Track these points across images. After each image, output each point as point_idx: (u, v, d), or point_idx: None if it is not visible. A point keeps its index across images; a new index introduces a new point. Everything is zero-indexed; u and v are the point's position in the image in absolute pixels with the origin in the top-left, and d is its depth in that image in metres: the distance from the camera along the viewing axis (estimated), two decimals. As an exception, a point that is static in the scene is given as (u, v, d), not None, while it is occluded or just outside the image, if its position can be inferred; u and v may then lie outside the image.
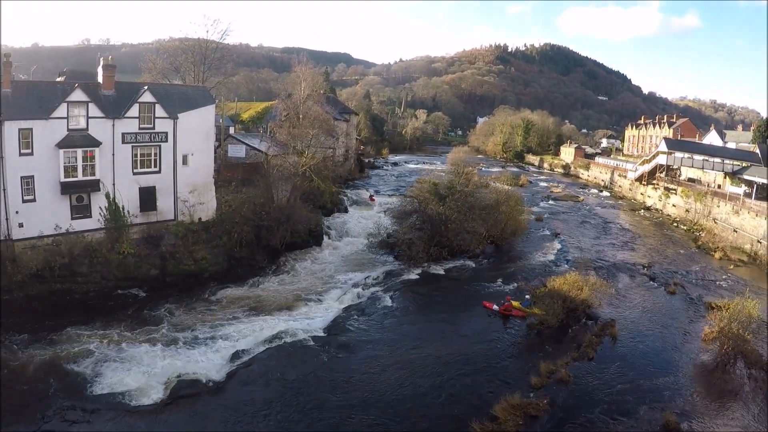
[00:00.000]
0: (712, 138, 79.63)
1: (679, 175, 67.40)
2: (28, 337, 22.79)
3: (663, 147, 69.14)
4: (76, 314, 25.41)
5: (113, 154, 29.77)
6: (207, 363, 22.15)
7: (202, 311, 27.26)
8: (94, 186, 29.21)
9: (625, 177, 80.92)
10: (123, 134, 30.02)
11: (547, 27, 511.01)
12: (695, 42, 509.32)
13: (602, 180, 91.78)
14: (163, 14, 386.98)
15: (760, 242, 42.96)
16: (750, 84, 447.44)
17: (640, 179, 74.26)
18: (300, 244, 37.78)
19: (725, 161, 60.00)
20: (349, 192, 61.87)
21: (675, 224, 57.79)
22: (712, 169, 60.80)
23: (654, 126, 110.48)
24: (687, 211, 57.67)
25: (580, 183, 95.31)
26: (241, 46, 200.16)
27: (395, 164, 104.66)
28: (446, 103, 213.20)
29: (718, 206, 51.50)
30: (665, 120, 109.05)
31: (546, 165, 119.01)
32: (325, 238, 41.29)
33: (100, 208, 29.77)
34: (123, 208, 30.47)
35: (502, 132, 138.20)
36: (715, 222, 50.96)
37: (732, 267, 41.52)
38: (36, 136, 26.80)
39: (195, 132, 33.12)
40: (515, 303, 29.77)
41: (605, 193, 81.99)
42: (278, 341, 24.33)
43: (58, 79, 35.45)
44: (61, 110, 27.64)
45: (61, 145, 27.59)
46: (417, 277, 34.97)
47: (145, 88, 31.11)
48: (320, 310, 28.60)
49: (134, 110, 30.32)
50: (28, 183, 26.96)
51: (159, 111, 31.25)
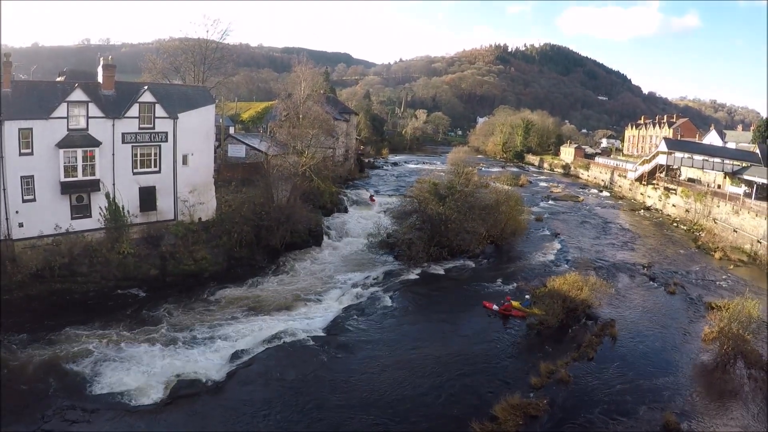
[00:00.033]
0: (712, 138, 79.63)
1: (679, 175, 67.40)
2: (28, 337, 22.80)
3: (663, 147, 69.14)
4: (76, 314, 25.41)
5: (113, 154, 29.80)
6: (206, 363, 22.15)
7: (202, 311, 27.26)
8: (94, 186, 29.22)
9: (625, 177, 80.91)
10: (123, 134, 30.04)
11: (547, 27, 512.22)
12: (695, 42, 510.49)
13: (602, 180, 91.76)
14: (163, 14, 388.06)
15: (760, 242, 42.97)
16: (750, 84, 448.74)
17: (640, 179, 74.26)
18: (300, 244, 37.77)
19: (725, 161, 60.01)
20: (349, 192, 61.86)
21: (675, 224, 57.79)
22: (712, 169, 60.81)
23: (654, 126, 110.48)
24: (687, 211, 57.68)
25: (580, 183, 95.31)
26: (241, 46, 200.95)
27: (395, 164, 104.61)
28: (446, 103, 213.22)
29: (718, 206, 51.51)
30: (665, 120, 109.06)
31: (546, 165, 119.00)
32: (325, 238, 41.27)
33: (100, 207, 29.79)
34: (123, 208, 30.47)
35: (502, 132, 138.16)
36: (715, 222, 50.97)
37: (732, 267, 41.52)
38: (36, 135, 26.82)
39: (195, 132, 33.13)
40: (515, 303, 29.77)
41: (605, 193, 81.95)
42: (278, 341, 24.31)
43: (58, 79, 35.44)
44: (61, 110, 27.66)
45: (61, 144, 27.60)
46: (417, 277, 34.97)
47: (145, 88, 31.12)
48: (320, 310, 28.59)
49: (134, 110, 30.34)
50: (28, 183, 26.97)
51: (159, 111, 31.26)
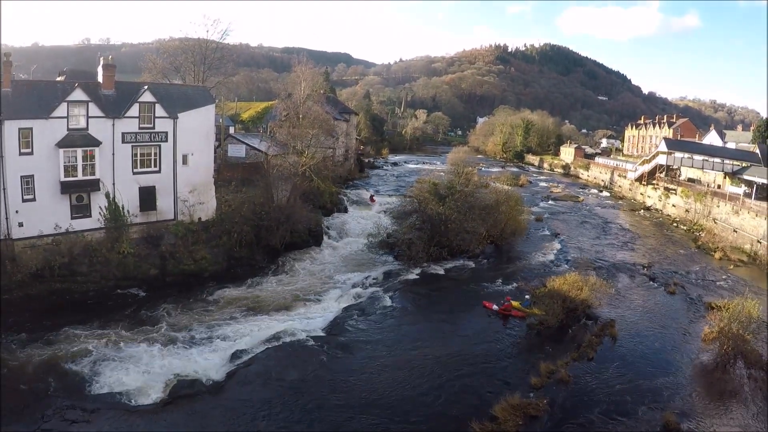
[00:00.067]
0: (711, 138, 79.62)
1: (679, 175, 67.39)
2: (28, 337, 22.77)
3: (663, 147, 69.14)
4: (76, 314, 25.38)
5: (113, 154, 29.80)
6: (206, 363, 22.12)
7: (202, 311, 27.24)
8: (94, 185, 29.22)
9: (625, 177, 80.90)
10: (123, 134, 30.04)
11: (547, 27, 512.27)
12: (695, 42, 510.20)
13: (602, 180, 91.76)
14: (163, 14, 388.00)
15: (760, 242, 42.96)
16: (750, 84, 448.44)
17: (639, 179, 74.25)
18: (300, 244, 37.75)
19: (725, 161, 60.01)
20: (349, 192, 61.87)
21: (675, 224, 57.79)
22: (712, 169, 60.81)
23: (654, 126, 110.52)
24: (687, 211, 57.68)
25: (580, 183, 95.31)
26: (241, 46, 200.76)
27: (395, 164, 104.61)
28: (446, 103, 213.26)
29: (718, 206, 51.51)
30: (665, 120, 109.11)
31: (546, 165, 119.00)
32: (325, 238, 41.25)
33: (99, 207, 29.79)
34: (123, 208, 30.46)
35: (501, 132, 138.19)
36: (715, 222, 50.97)
37: (732, 267, 41.51)
38: (36, 135, 26.82)
39: (195, 132, 33.12)
40: (515, 303, 29.76)
41: (605, 194, 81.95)
42: (278, 341, 24.29)
43: (58, 79, 35.42)
44: (61, 110, 27.66)
45: (61, 144, 27.60)
46: (417, 277, 34.95)
47: (145, 87, 31.12)
48: (320, 310, 28.55)
49: (134, 110, 30.35)
50: (28, 182, 26.97)
51: (159, 111, 31.26)
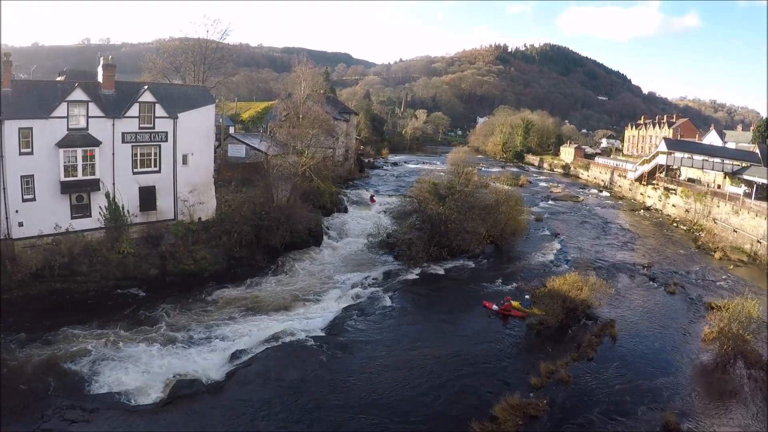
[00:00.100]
0: (711, 138, 79.64)
1: (679, 175, 67.40)
2: (28, 336, 22.76)
3: (663, 147, 69.14)
4: (76, 314, 25.38)
5: (113, 154, 29.80)
6: (206, 363, 22.11)
7: (202, 311, 27.22)
8: (94, 185, 29.22)
9: (625, 177, 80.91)
10: (123, 134, 30.04)
11: (547, 27, 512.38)
12: (695, 42, 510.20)
13: (602, 180, 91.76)
14: (163, 14, 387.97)
15: (760, 242, 42.96)
16: (750, 84, 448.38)
17: (639, 179, 74.26)
18: (300, 244, 37.75)
19: (725, 161, 60.02)
20: (349, 192, 61.87)
21: (675, 224, 57.79)
22: (712, 169, 60.82)
23: (654, 126, 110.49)
24: (687, 211, 57.68)
25: (580, 183, 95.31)
26: (241, 46, 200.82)
27: (395, 164, 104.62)
28: (446, 103, 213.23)
29: (718, 206, 51.51)
30: (665, 120, 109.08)
31: (546, 165, 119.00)
32: (325, 238, 41.26)
33: (99, 207, 29.78)
34: (123, 208, 30.46)
35: (501, 132, 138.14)
36: (715, 222, 50.98)
37: (732, 267, 41.51)
38: (36, 135, 26.82)
39: (195, 132, 33.12)
40: (515, 303, 29.76)
41: (605, 194, 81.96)
42: (277, 341, 24.29)
43: (58, 79, 35.42)
44: (61, 109, 27.66)
45: (61, 144, 27.60)
46: (416, 277, 34.95)
47: (145, 87, 31.12)
48: (319, 310, 28.54)
49: (134, 110, 30.35)
50: (27, 182, 26.97)
51: (159, 110, 31.26)
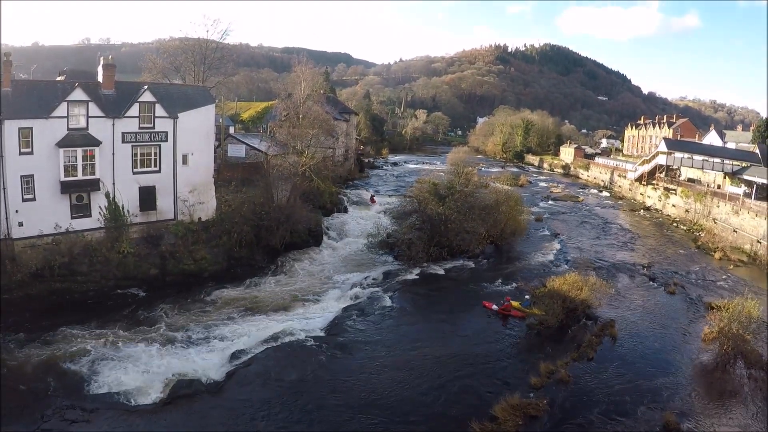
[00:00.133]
0: (711, 138, 79.64)
1: (679, 176, 67.40)
2: (28, 336, 22.76)
3: (663, 147, 69.15)
4: (76, 313, 25.37)
5: (113, 154, 29.80)
6: (205, 363, 22.11)
7: (202, 311, 27.22)
8: (94, 185, 29.22)
9: (625, 177, 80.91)
10: (123, 134, 30.04)
11: (547, 27, 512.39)
12: (695, 42, 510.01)
13: (602, 180, 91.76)
14: (163, 14, 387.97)
15: (760, 242, 42.97)
16: (750, 84, 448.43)
17: (639, 179, 74.25)
18: (300, 244, 37.74)
19: (725, 161, 60.03)
20: (349, 192, 61.87)
21: (675, 224, 57.79)
22: (712, 170, 60.83)
23: (654, 126, 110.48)
24: (687, 211, 57.68)
25: (580, 183, 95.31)
26: (241, 46, 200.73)
27: (395, 164, 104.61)
28: (446, 103, 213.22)
29: (718, 206, 51.51)
30: (665, 120, 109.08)
31: (546, 165, 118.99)
32: (325, 238, 41.25)
33: (99, 207, 29.78)
34: (123, 208, 30.46)
35: (501, 132, 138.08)
36: (715, 222, 50.98)
37: (732, 267, 41.52)
38: (36, 135, 26.82)
39: (195, 132, 33.12)
40: (515, 303, 29.76)
41: (605, 194, 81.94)
42: (277, 341, 24.28)
43: (58, 79, 35.40)
44: (61, 109, 27.66)
45: (61, 144, 27.60)
46: (416, 277, 34.94)
47: (145, 87, 31.12)
48: (319, 310, 28.53)
49: (134, 110, 30.35)
50: (27, 182, 26.97)
51: (159, 110, 31.26)
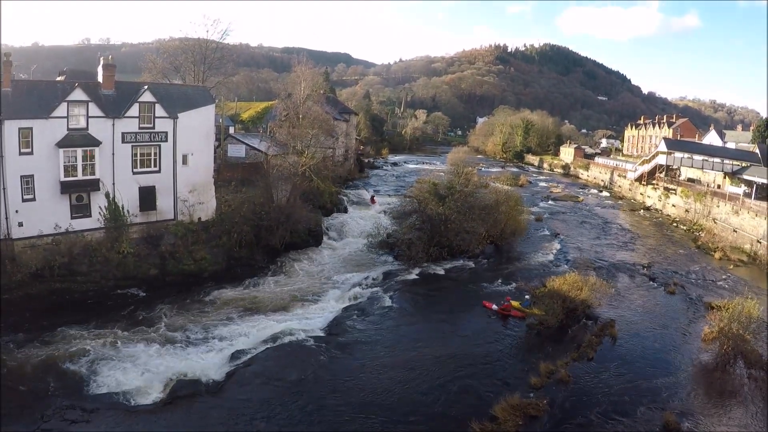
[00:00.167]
0: (711, 138, 79.66)
1: (679, 175, 67.43)
2: (28, 337, 22.75)
3: (662, 147, 69.17)
4: (75, 313, 25.36)
5: (113, 154, 29.79)
6: (205, 363, 22.11)
7: (201, 311, 27.23)
8: (94, 185, 29.21)
9: (625, 177, 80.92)
10: (123, 134, 30.04)
11: (547, 27, 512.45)
12: (695, 42, 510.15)
13: (602, 180, 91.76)
14: (163, 14, 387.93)
15: (760, 242, 42.97)
16: (750, 84, 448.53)
17: (639, 179, 74.27)
18: (299, 244, 37.73)
19: (725, 161, 60.07)
20: (349, 192, 61.86)
21: (675, 224, 57.79)
22: (712, 169, 60.86)
23: (653, 126, 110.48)
24: (687, 211, 57.68)
25: (580, 183, 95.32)
26: (241, 46, 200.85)
27: (395, 164, 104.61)
28: (446, 103, 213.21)
29: (718, 206, 51.52)
30: (665, 120, 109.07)
31: (546, 165, 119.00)
32: (325, 238, 41.26)
33: (99, 207, 29.78)
34: (123, 208, 30.45)
35: (501, 132, 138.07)
36: (715, 222, 50.98)
37: (732, 267, 41.52)
38: (36, 135, 26.81)
39: (195, 132, 33.12)
40: (515, 303, 29.76)
41: (605, 194, 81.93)
42: (277, 341, 24.29)
43: (58, 79, 35.39)
44: (61, 109, 27.66)
45: (61, 144, 27.59)
46: (416, 277, 34.95)
47: (145, 87, 31.11)
48: (319, 310, 28.53)
49: (134, 110, 30.34)
50: (27, 182, 26.96)
51: (159, 110, 31.25)
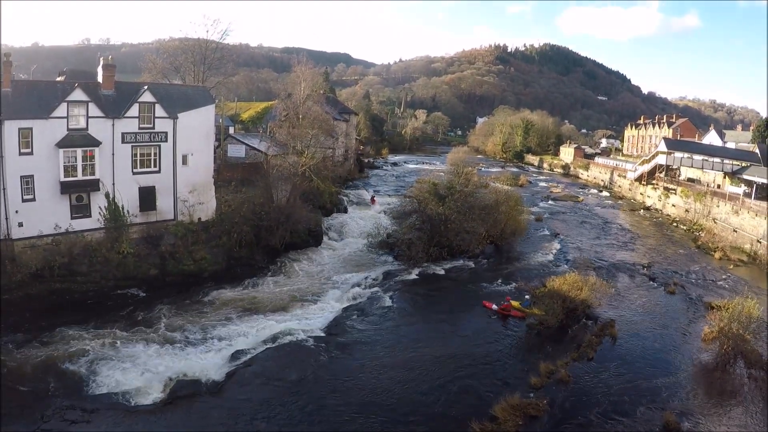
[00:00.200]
0: (711, 138, 79.70)
1: (679, 175, 67.43)
2: (28, 337, 22.75)
3: (662, 147, 69.18)
4: (75, 314, 25.36)
5: (113, 154, 29.78)
6: (205, 363, 22.10)
7: (201, 311, 27.21)
8: (94, 186, 29.20)
9: (625, 177, 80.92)
10: (123, 134, 30.03)
11: (547, 27, 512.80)
12: (695, 42, 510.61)
13: (602, 180, 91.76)
14: (163, 14, 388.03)
15: (760, 242, 42.98)
16: (750, 84, 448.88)
17: (639, 179, 74.27)
18: (299, 244, 37.73)
19: (725, 161, 60.09)
20: (349, 192, 61.86)
21: (675, 224, 57.79)
22: (712, 169, 60.88)
23: (653, 126, 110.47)
24: (687, 211, 57.68)
25: (580, 183, 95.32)
26: (241, 46, 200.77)
27: (395, 164, 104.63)
28: (446, 103, 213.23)
29: (718, 206, 51.53)
30: (665, 120, 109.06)
31: (546, 165, 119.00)
32: (325, 238, 41.26)
33: (99, 207, 29.77)
34: (123, 208, 30.45)
35: (501, 132, 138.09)
36: (715, 222, 50.98)
37: (732, 267, 41.51)
38: (36, 135, 26.80)
39: (195, 132, 33.11)
40: (515, 303, 29.76)
41: (605, 193, 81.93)
42: (277, 342, 24.29)
43: (58, 79, 35.39)
44: (61, 110, 27.65)
45: (60, 144, 27.59)
46: (416, 277, 34.94)
47: (145, 87, 31.10)
48: (319, 310, 28.52)
49: (134, 110, 30.34)
50: (27, 182, 26.95)
51: (159, 111, 31.25)
